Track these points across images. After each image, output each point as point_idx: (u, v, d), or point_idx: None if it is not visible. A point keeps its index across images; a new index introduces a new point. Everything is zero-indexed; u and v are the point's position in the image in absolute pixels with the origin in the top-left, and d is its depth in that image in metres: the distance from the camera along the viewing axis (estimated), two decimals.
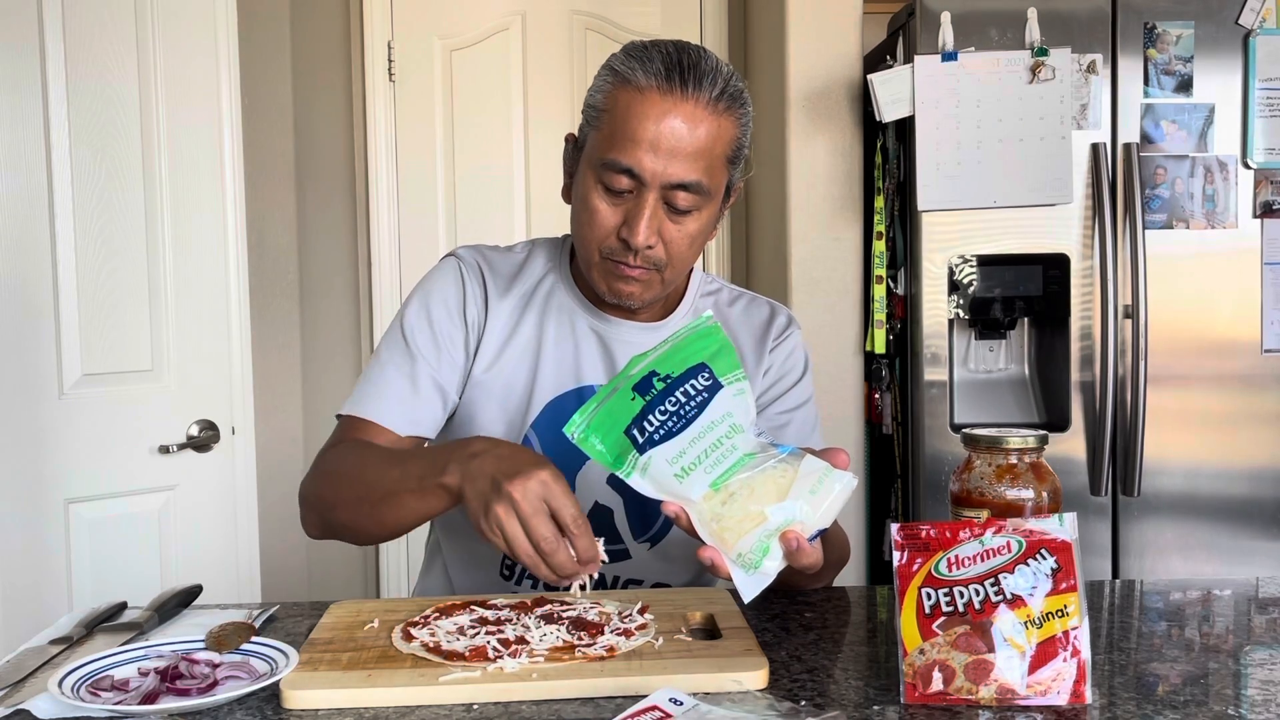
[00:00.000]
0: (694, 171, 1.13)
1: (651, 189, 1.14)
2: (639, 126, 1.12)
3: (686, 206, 1.15)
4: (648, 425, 0.94)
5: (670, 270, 1.20)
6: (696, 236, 1.19)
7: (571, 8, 2.97)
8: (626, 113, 1.13)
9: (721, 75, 1.15)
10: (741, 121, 1.17)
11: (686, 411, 0.95)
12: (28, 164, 1.90)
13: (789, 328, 1.35)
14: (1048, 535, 0.87)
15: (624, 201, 1.16)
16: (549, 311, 1.29)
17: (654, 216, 1.15)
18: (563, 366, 1.27)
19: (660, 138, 1.12)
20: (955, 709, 0.85)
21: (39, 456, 1.93)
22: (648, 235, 1.14)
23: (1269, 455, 2.30)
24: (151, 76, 2.05)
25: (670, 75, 1.12)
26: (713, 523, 0.92)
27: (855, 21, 2.45)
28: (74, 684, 0.90)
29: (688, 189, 1.14)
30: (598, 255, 1.19)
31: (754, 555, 0.90)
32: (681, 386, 0.96)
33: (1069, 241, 2.28)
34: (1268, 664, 0.97)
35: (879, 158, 2.43)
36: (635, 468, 0.94)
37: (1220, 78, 2.26)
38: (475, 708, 0.86)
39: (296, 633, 1.08)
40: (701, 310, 1.30)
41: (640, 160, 1.12)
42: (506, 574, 1.30)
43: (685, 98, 1.12)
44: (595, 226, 1.17)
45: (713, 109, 1.13)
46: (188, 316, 2.11)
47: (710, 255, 3.06)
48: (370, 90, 2.90)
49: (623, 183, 1.14)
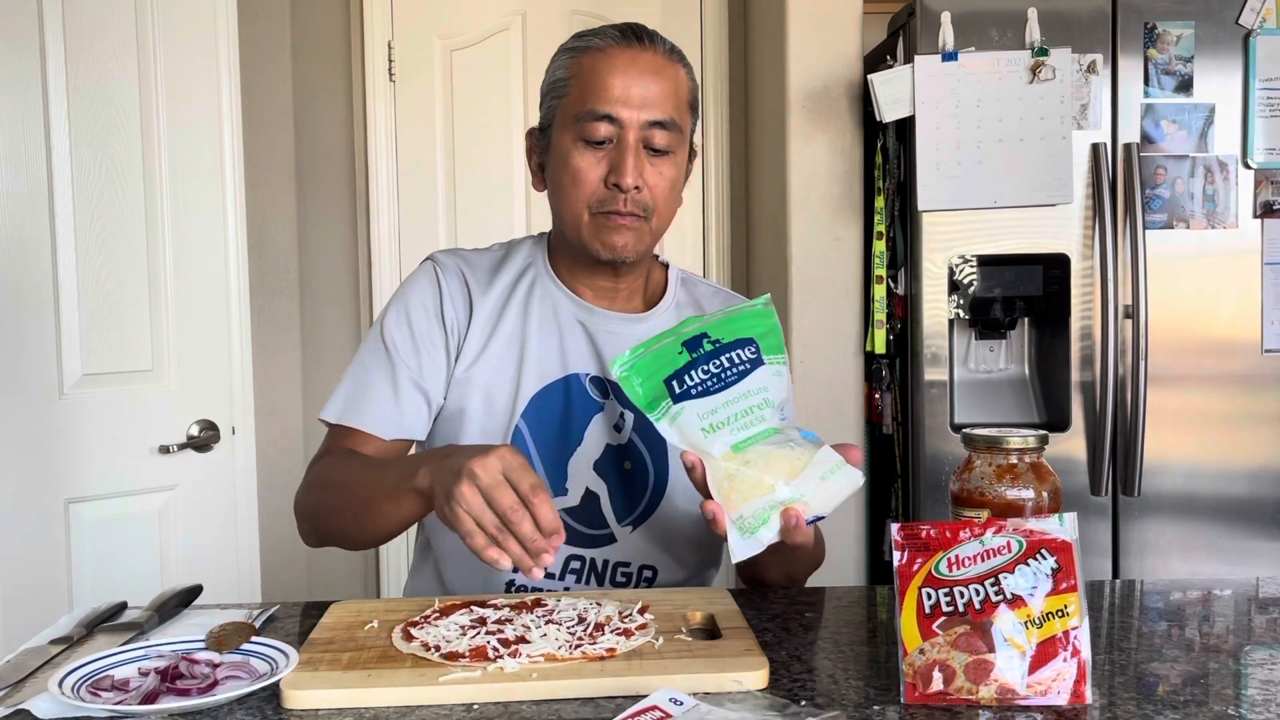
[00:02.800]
0: (666, 110, 1.22)
1: (631, 130, 1.21)
2: (609, 76, 1.21)
3: (665, 146, 1.22)
4: (688, 379, 1.00)
5: (657, 218, 1.25)
6: (675, 182, 1.26)
7: (571, 8, 2.97)
8: (594, 70, 1.22)
9: (666, 39, 1.26)
10: (689, 73, 1.28)
11: (726, 376, 1.01)
12: (28, 164, 1.90)
13: None
14: (1048, 535, 0.87)
15: (605, 152, 1.22)
16: (532, 303, 1.31)
17: (638, 158, 1.21)
18: (548, 357, 1.29)
19: (630, 82, 1.21)
20: (955, 709, 0.85)
21: (39, 456, 1.93)
22: (635, 175, 1.20)
23: (1269, 455, 2.30)
24: (151, 76, 2.05)
25: (626, 34, 1.24)
26: (725, 481, 0.98)
27: (855, 21, 2.45)
28: (74, 684, 0.90)
29: (664, 127, 1.22)
30: (587, 214, 1.24)
31: (753, 522, 0.97)
32: (728, 353, 1.02)
33: (1069, 241, 2.28)
34: (1268, 664, 0.97)
35: (879, 158, 2.43)
36: (666, 415, 1.00)
37: (1220, 78, 2.26)
38: (475, 708, 0.86)
39: (296, 633, 1.08)
40: (683, 303, 1.37)
41: (616, 104, 1.21)
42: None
43: (645, 49, 1.23)
44: (582, 183, 1.23)
45: (667, 57, 1.24)
46: (188, 316, 2.11)
47: (710, 255, 3.06)
48: (370, 90, 2.90)
49: (603, 130, 1.21)
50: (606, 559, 1.30)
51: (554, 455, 1.28)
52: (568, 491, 1.28)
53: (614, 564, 1.30)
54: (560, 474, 1.28)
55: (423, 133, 2.94)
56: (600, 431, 1.29)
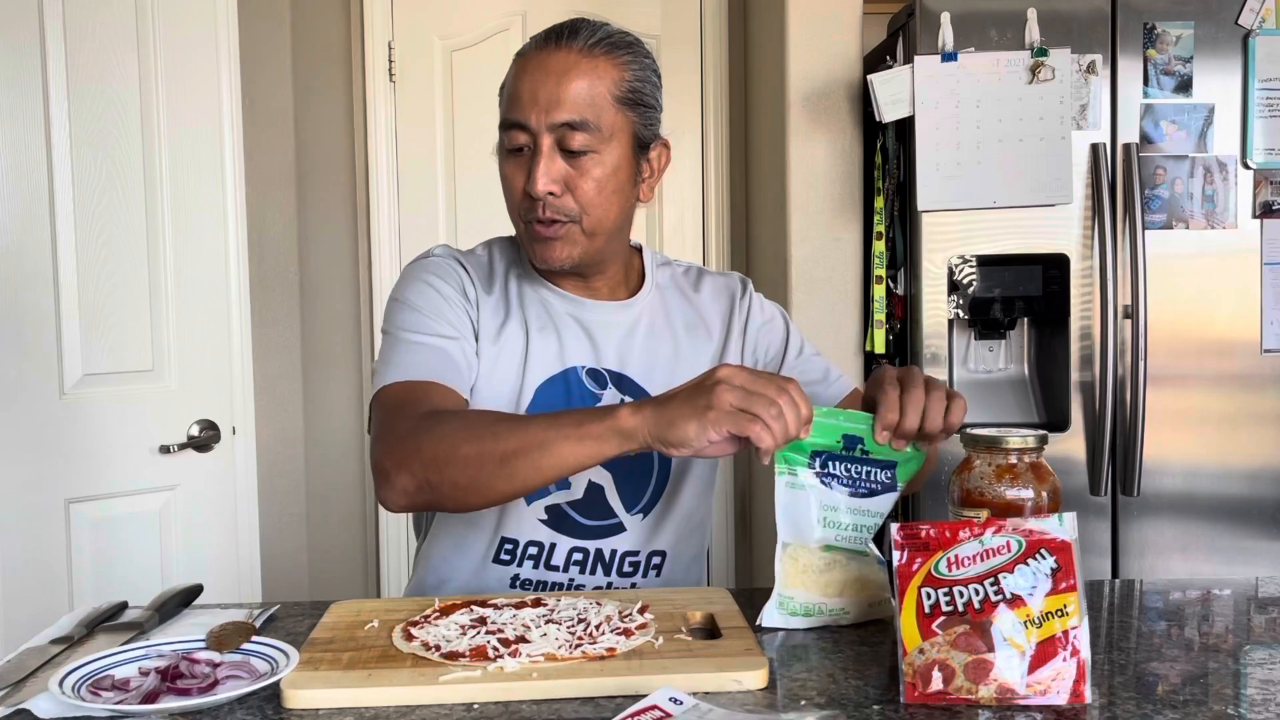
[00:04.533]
0: (574, 109, 1.19)
1: (541, 134, 1.19)
2: (520, 83, 1.21)
3: (580, 147, 1.19)
4: (832, 467, 1.07)
5: (588, 220, 1.22)
6: (605, 181, 1.21)
7: (571, 8, 2.97)
8: (512, 77, 1.23)
9: (603, 30, 1.22)
10: (628, 65, 1.23)
11: (861, 487, 1.07)
12: (28, 164, 1.90)
13: (747, 291, 1.42)
14: (1047, 535, 0.87)
15: (525, 159, 1.21)
16: (526, 305, 1.32)
17: (550, 161, 1.19)
18: (547, 352, 1.30)
19: (537, 85, 1.19)
20: (955, 709, 0.85)
21: (39, 456, 1.93)
22: (546, 181, 1.19)
23: (1269, 455, 2.30)
24: (151, 76, 2.05)
25: (547, 37, 1.22)
26: (796, 561, 1.05)
27: (855, 21, 2.45)
28: (74, 684, 0.90)
29: (575, 127, 1.19)
30: (521, 224, 1.25)
31: (796, 609, 1.05)
32: (872, 468, 1.07)
33: (1069, 241, 2.28)
34: (1267, 664, 0.97)
35: (879, 158, 2.43)
36: (791, 477, 1.06)
37: (1220, 78, 2.26)
38: (475, 707, 0.86)
39: (296, 632, 1.08)
40: (664, 284, 1.38)
41: (524, 110, 1.19)
42: (506, 558, 1.29)
43: (557, 49, 1.20)
44: (510, 192, 1.24)
45: (586, 53, 1.20)
46: (188, 316, 2.11)
47: (710, 255, 3.06)
48: (370, 90, 2.90)
49: (519, 138, 1.20)
50: (615, 549, 1.30)
51: None
52: (570, 484, 1.29)
53: (622, 553, 1.30)
54: None
55: (423, 133, 2.94)
56: None
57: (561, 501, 1.29)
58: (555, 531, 1.29)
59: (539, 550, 1.29)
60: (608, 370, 1.31)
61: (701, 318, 1.38)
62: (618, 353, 1.32)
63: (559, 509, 1.29)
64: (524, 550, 1.30)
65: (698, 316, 1.38)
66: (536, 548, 1.29)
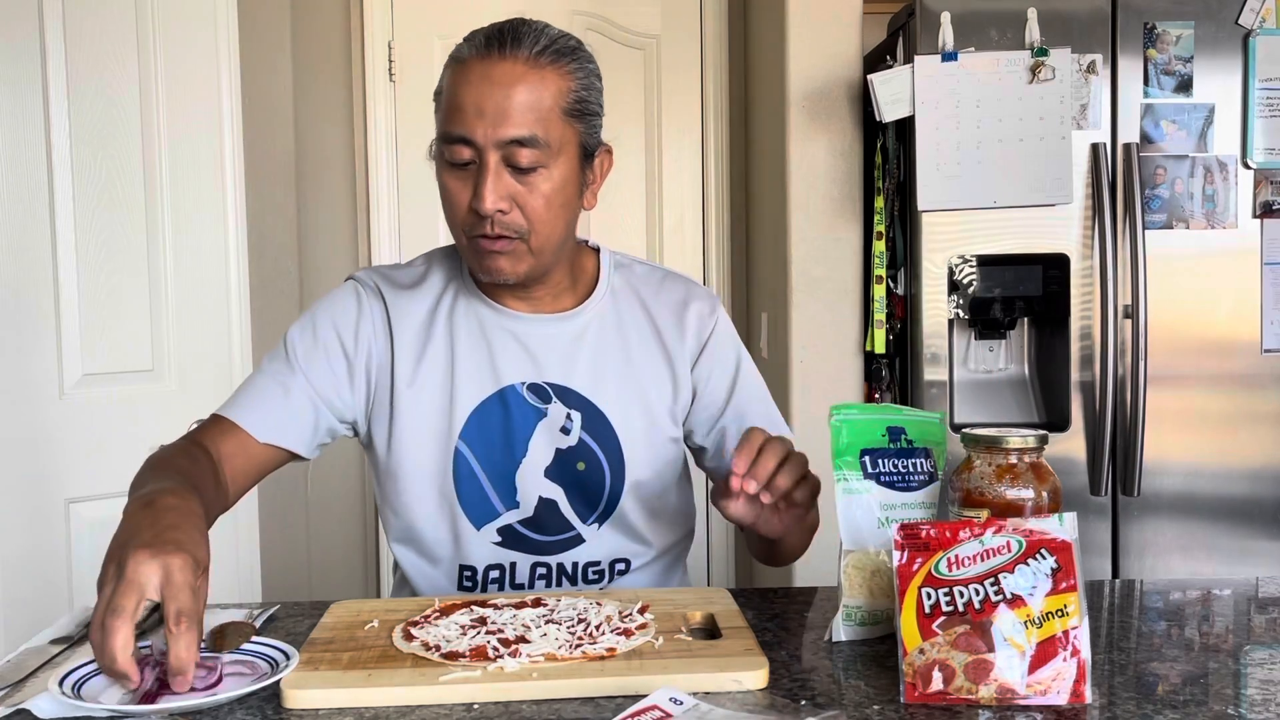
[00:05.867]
0: (523, 125, 1.14)
1: (488, 150, 1.14)
2: (463, 94, 1.15)
3: (529, 163, 1.15)
4: (881, 464, 1.06)
5: (535, 237, 1.18)
6: (553, 197, 1.18)
7: (571, 8, 2.97)
8: (452, 86, 1.17)
9: (546, 36, 1.17)
10: (573, 73, 1.18)
11: (911, 480, 1.06)
12: (28, 164, 1.90)
13: (708, 309, 1.34)
14: (1048, 535, 0.87)
15: (470, 174, 1.16)
16: (456, 319, 1.28)
17: (498, 179, 1.15)
18: (481, 372, 1.26)
19: (483, 98, 1.14)
20: (955, 709, 0.85)
21: (39, 456, 1.93)
22: (494, 199, 1.14)
23: (1269, 455, 2.30)
24: (151, 76, 2.05)
25: (489, 44, 1.16)
26: (860, 570, 1.03)
27: (855, 21, 2.45)
28: (74, 684, 0.90)
29: (523, 144, 1.14)
30: (464, 237, 1.20)
31: (861, 616, 1.03)
32: (915, 459, 1.07)
33: (1069, 241, 2.28)
34: (1268, 664, 0.97)
35: (879, 158, 2.43)
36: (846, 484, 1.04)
37: (1220, 78, 2.26)
38: (475, 708, 0.86)
39: (296, 633, 1.08)
40: (618, 288, 1.32)
41: (469, 124, 1.14)
42: (469, 585, 1.29)
43: (502, 58, 1.15)
44: (452, 207, 1.19)
45: (532, 64, 1.15)
46: (188, 316, 2.11)
47: (710, 255, 3.06)
48: (370, 90, 2.90)
49: (463, 154, 1.15)
50: (576, 560, 1.28)
51: (499, 470, 1.26)
52: (519, 504, 1.26)
53: (584, 564, 1.29)
54: (509, 488, 1.26)
55: (423, 133, 2.93)
56: (546, 438, 1.26)
57: (513, 521, 1.27)
58: (513, 551, 1.27)
59: (500, 572, 1.28)
60: (550, 384, 1.26)
61: (656, 328, 1.32)
62: (561, 365, 1.27)
63: (512, 529, 1.27)
64: (485, 575, 1.28)
65: (652, 327, 1.32)
66: (498, 570, 1.28)
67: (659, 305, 1.33)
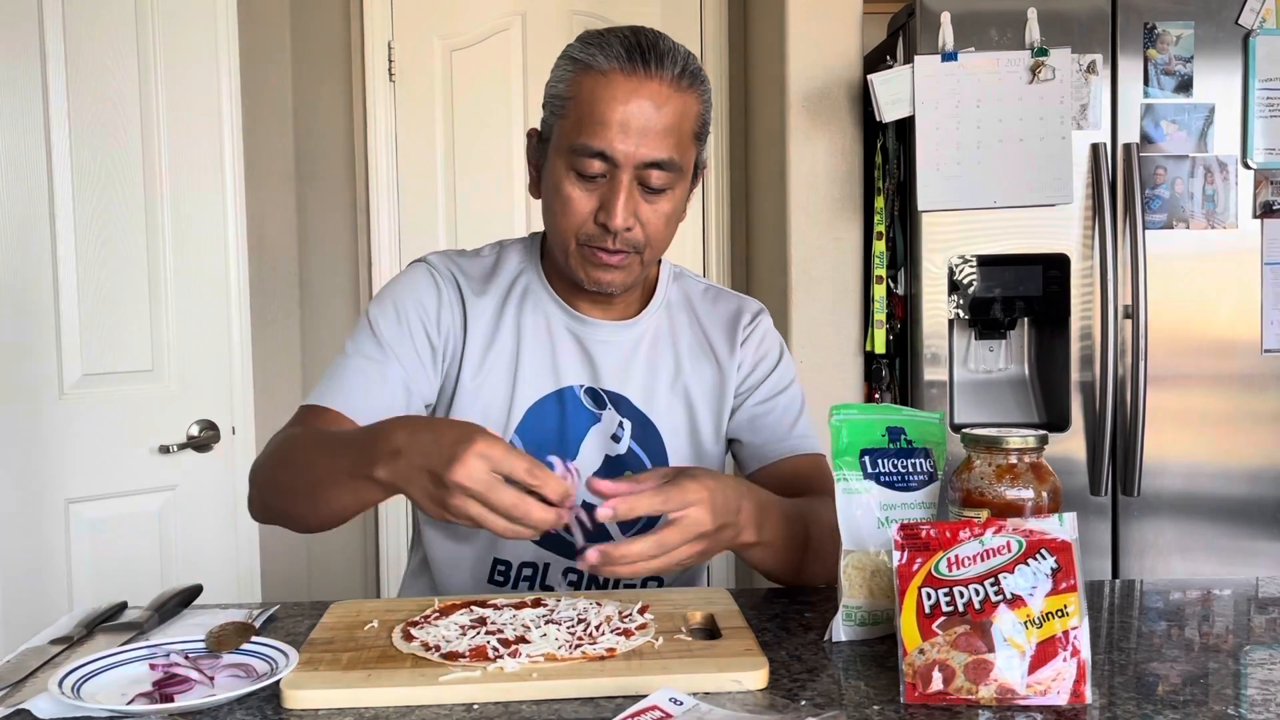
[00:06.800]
0: (665, 149, 1.14)
1: (625, 170, 1.14)
2: (607, 109, 1.13)
3: (660, 185, 1.16)
4: (881, 464, 1.06)
5: (649, 252, 1.21)
6: (671, 216, 1.20)
7: (571, 8, 2.97)
8: (592, 97, 1.14)
9: (680, 54, 1.16)
10: (704, 98, 1.19)
11: (910, 480, 1.06)
12: (28, 164, 1.90)
13: (758, 317, 1.37)
14: (1048, 535, 0.87)
15: (597, 186, 1.16)
16: (525, 314, 1.28)
17: (630, 198, 1.15)
18: (541, 370, 1.27)
19: (629, 118, 1.13)
20: (955, 709, 0.85)
21: (39, 456, 1.93)
22: (625, 217, 1.15)
23: (1269, 455, 2.30)
24: (151, 76, 2.05)
25: (631, 56, 1.14)
26: (860, 570, 1.02)
27: (855, 21, 2.45)
28: (74, 684, 0.90)
29: (661, 167, 1.15)
30: (574, 244, 1.19)
31: (860, 616, 1.03)
32: (915, 459, 1.07)
33: (1069, 241, 2.28)
34: (1268, 664, 0.97)
35: (879, 158, 2.43)
36: (846, 484, 1.04)
37: (1220, 78, 2.26)
38: (475, 708, 0.86)
39: (296, 633, 1.07)
40: (674, 301, 1.34)
41: (611, 142, 1.13)
42: (500, 579, 1.30)
43: (649, 77, 1.13)
44: (571, 214, 1.18)
45: (676, 86, 1.15)
46: (188, 316, 2.11)
47: (710, 255, 3.06)
48: (370, 90, 2.90)
49: (595, 167, 1.15)
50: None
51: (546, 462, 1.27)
52: None
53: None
54: None
55: (423, 133, 2.94)
56: (598, 443, 1.27)
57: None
58: (550, 552, 1.28)
59: (533, 571, 1.28)
60: (606, 391, 1.28)
61: (707, 339, 1.34)
62: (616, 373, 1.28)
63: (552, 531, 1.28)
64: (518, 572, 1.29)
65: (703, 337, 1.34)
66: (531, 569, 1.28)
67: (710, 319, 1.35)
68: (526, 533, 0.95)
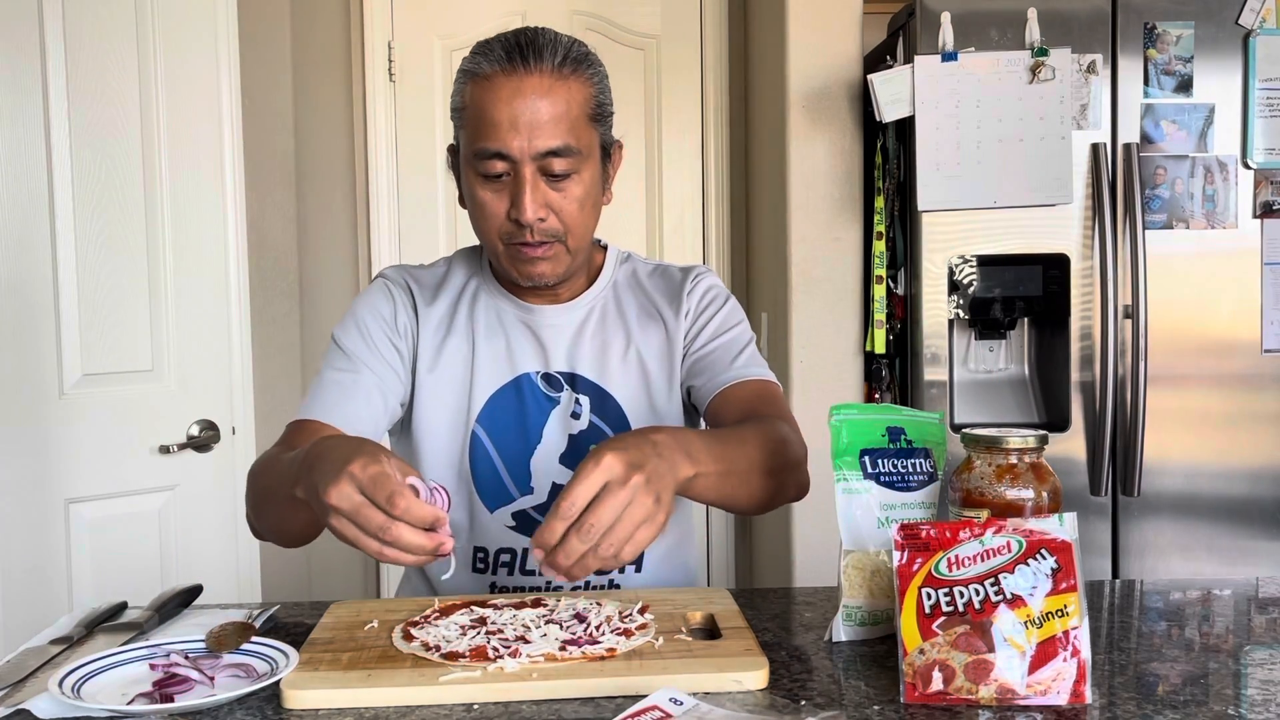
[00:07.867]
0: (558, 136, 1.18)
1: (525, 164, 1.18)
2: (495, 110, 1.18)
3: (563, 170, 1.20)
4: (881, 464, 1.06)
5: (572, 238, 1.24)
6: (584, 199, 1.23)
7: (572, 8, 2.97)
8: (482, 102, 1.19)
9: (562, 44, 1.21)
10: (594, 81, 1.23)
11: (910, 480, 1.07)
12: (28, 164, 1.90)
13: (701, 274, 1.40)
14: (1048, 535, 0.87)
15: (505, 185, 1.20)
16: (477, 311, 1.33)
17: (535, 189, 1.19)
18: (498, 360, 1.31)
19: (517, 114, 1.17)
20: (955, 709, 0.85)
21: (39, 456, 1.93)
22: (535, 209, 1.19)
23: (1269, 455, 2.30)
24: (151, 76, 2.05)
25: (511, 57, 1.19)
26: (860, 570, 1.03)
27: (855, 21, 2.45)
28: (74, 684, 0.90)
29: (558, 154, 1.19)
30: (501, 245, 1.24)
31: (860, 616, 1.03)
32: (915, 459, 1.07)
33: (1069, 242, 2.28)
34: (1268, 664, 0.97)
35: (879, 158, 2.43)
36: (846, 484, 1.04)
37: (1220, 78, 2.26)
38: (475, 708, 0.86)
39: (296, 633, 1.08)
40: (620, 282, 1.37)
41: (505, 140, 1.17)
42: (481, 567, 1.32)
43: (530, 72, 1.18)
44: (489, 217, 1.22)
45: (558, 75, 1.19)
46: (188, 316, 2.11)
47: (711, 255, 3.06)
48: (370, 90, 2.90)
49: (498, 167, 1.19)
50: None
51: (515, 456, 1.30)
52: (533, 490, 1.30)
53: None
54: (524, 474, 1.30)
55: (423, 133, 2.94)
56: (559, 425, 1.31)
57: (527, 507, 1.30)
58: (526, 536, 1.30)
59: (511, 557, 1.31)
60: (560, 372, 1.32)
61: (654, 305, 1.37)
62: (566, 354, 1.32)
63: (525, 514, 1.30)
64: (496, 558, 1.31)
65: (650, 305, 1.37)
66: (508, 554, 1.31)
67: (658, 288, 1.39)
68: (407, 558, 0.90)
